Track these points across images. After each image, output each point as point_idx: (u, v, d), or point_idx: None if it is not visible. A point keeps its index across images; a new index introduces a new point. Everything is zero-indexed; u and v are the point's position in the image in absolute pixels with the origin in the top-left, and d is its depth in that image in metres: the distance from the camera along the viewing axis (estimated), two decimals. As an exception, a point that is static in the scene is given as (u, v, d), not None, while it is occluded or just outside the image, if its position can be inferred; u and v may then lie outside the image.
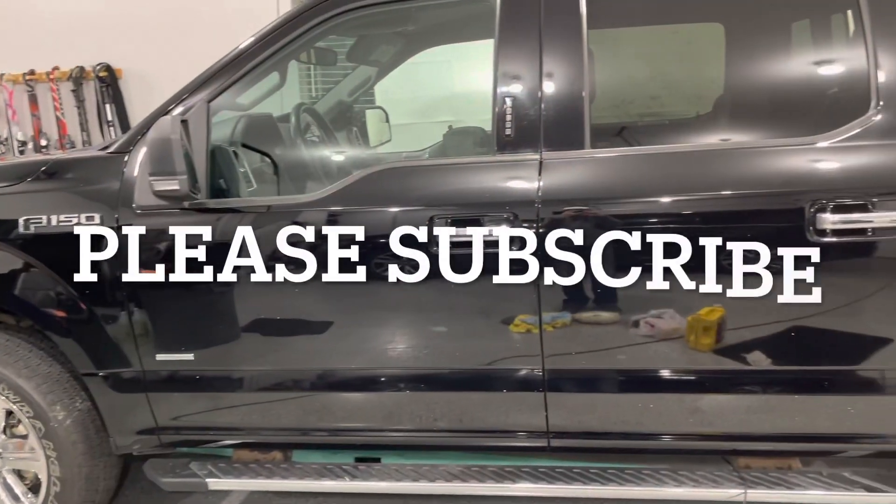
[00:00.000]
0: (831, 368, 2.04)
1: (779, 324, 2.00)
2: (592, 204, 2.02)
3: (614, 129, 3.43)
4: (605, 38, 3.54)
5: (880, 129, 1.94)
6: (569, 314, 2.07)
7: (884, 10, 1.96)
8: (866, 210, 1.91)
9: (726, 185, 2.01)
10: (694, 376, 2.09)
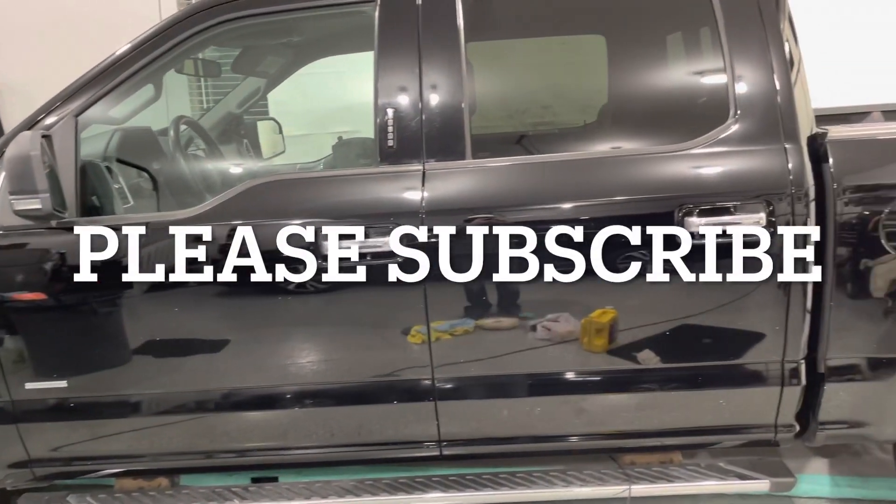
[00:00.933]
0: (704, 364, 2.14)
1: (658, 325, 2.10)
2: (474, 213, 2.04)
3: (508, 137, 3.50)
4: (498, 49, 3.60)
5: (738, 137, 2.06)
6: (456, 322, 2.10)
7: (737, 27, 2.08)
8: (729, 213, 2.02)
9: (602, 191, 2.08)
10: (581, 378, 2.15)
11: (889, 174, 2.03)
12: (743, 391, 2.14)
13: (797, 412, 2.16)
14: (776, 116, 2.05)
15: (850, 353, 2.09)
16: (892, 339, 2.07)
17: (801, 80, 2.13)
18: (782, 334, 2.08)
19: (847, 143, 2.05)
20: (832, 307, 2.06)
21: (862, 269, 2.04)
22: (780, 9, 2.13)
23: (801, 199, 2.00)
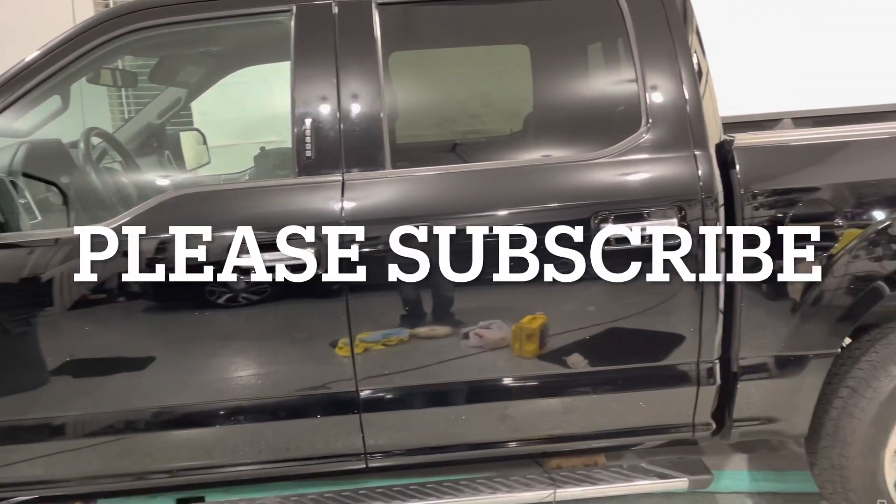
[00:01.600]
0: (625, 367, 2.19)
1: (580, 330, 2.13)
2: (396, 223, 2.04)
3: (436, 146, 3.51)
4: (424, 59, 3.61)
5: (650, 145, 2.12)
6: (378, 333, 2.09)
7: (646, 39, 2.15)
8: (643, 219, 2.07)
9: (520, 200, 2.11)
10: (508, 384, 2.17)
11: (793, 179, 2.13)
12: (662, 392, 2.19)
13: (713, 411, 2.23)
14: (686, 125, 2.12)
15: (761, 351, 2.17)
16: (799, 338, 2.16)
17: (709, 89, 2.21)
18: (697, 336, 2.14)
19: (753, 150, 2.14)
20: (743, 308, 2.14)
21: (768, 269, 2.12)
22: (688, 22, 2.21)
23: (710, 204, 2.07)
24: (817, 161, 2.17)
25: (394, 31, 2.40)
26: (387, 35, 2.19)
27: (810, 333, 2.15)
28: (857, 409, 2.19)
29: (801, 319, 2.14)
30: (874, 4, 4.33)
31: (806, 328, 2.15)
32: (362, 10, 2.13)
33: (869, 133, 2.22)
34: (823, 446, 2.28)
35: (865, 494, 2.22)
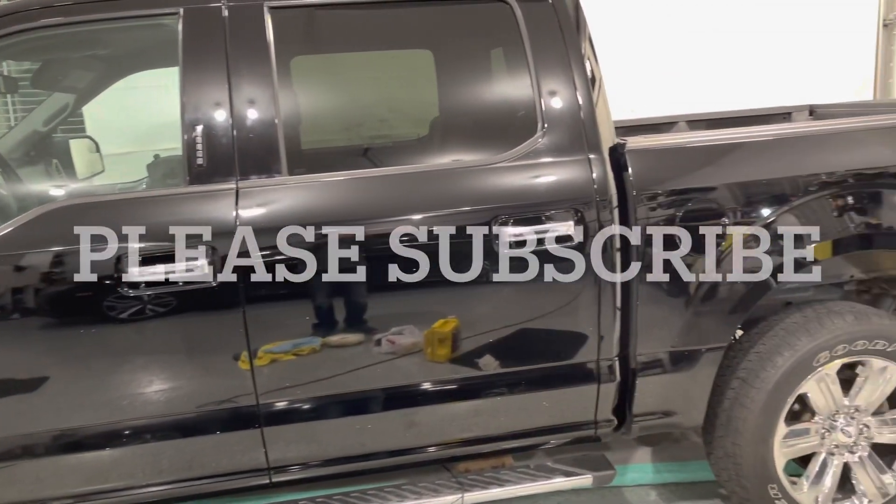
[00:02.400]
0: (529, 368, 2.21)
1: (486, 333, 2.15)
2: (291, 231, 2.00)
3: (343, 151, 3.47)
4: (330, 63, 3.56)
5: (546, 149, 2.15)
6: (277, 345, 2.04)
7: (540, 46, 2.19)
8: (541, 221, 2.11)
9: (422, 205, 2.10)
10: (411, 391, 2.16)
11: (684, 180, 2.20)
12: (565, 391, 2.23)
13: (614, 407, 2.28)
14: (580, 129, 2.17)
15: (658, 347, 2.25)
16: (692, 333, 2.24)
17: (602, 95, 2.27)
18: (596, 334, 2.19)
19: (644, 153, 2.21)
20: (639, 306, 2.21)
21: (662, 267, 2.19)
22: (581, 30, 2.27)
23: (605, 206, 2.13)
24: (707, 162, 2.25)
25: (292, 35, 2.36)
26: (283, 39, 2.15)
27: (702, 328, 2.24)
28: (748, 399, 2.29)
29: (694, 315, 2.22)
30: (765, 13, 4.56)
31: (698, 323, 2.23)
32: (254, 14, 2.08)
33: (756, 135, 2.33)
34: (718, 436, 2.38)
35: (757, 480, 2.33)
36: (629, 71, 4.47)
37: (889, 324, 2.32)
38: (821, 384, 2.31)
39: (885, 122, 2.36)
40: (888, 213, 2.30)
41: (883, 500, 2.40)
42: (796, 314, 2.37)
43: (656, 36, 4.54)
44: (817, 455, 2.39)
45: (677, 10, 4.52)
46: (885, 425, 2.39)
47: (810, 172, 2.24)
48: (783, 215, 2.22)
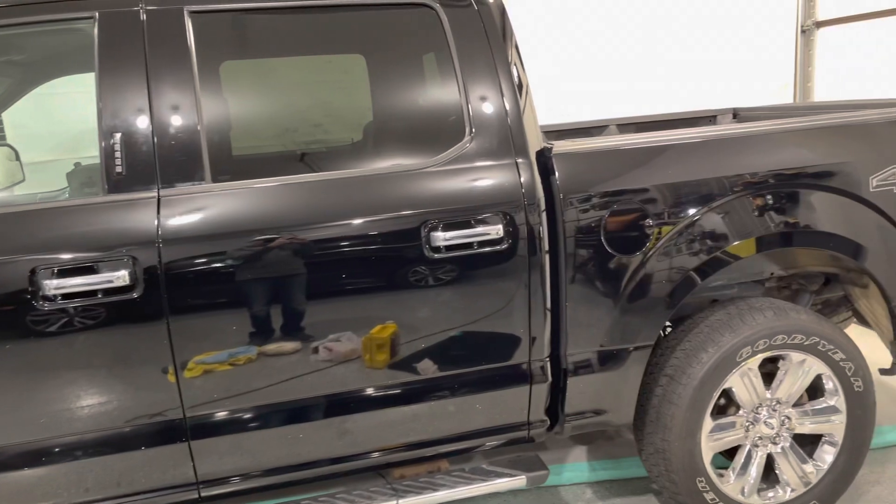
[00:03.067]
0: (463, 371, 2.22)
1: (420, 338, 2.14)
2: (217, 240, 1.97)
3: (276, 157, 3.41)
4: (262, 68, 3.51)
5: (474, 153, 2.17)
6: (203, 356, 2.00)
7: (467, 52, 2.21)
8: (470, 226, 2.12)
9: (351, 211, 2.09)
10: (343, 398, 2.14)
11: (607, 182, 2.24)
12: (498, 393, 2.25)
13: (546, 408, 2.31)
14: (507, 134, 2.19)
15: (588, 347, 2.28)
16: (620, 332, 2.28)
17: (529, 100, 2.30)
18: (528, 336, 2.22)
19: (570, 156, 2.24)
20: (568, 307, 2.24)
21: (590, 269, 2.24)
22: (507, 37, 2.29)
23: (533, 210, 2.15)
24: (631, 164, 2.30)
25: (219, 39, 2.31)
26: (208, 44, 2.11)
27: (630, 327, 2.29)
28: (675, 395, 2.35)
29: (622, 314, 2.27)
30: (693, 21, 4.70)
31: (626, 322, 2.28)
32: (174, 18, 2.03)
33: (679, 138, 2.39)
34: (648, 432, 2.43)
35: (686, 474, 2.39)
36: (563, 76, 4.55)
37: (806, 318, 2.41)
38: (744, 378, 2.39)
39: (804, 124, 2.46)
40: (805, 211, 2.39)
41: (805, 488, 2.49)
42: (720, 311, 2.44)
43: (589, 43, 4.63)
44: (742, 447, 2.47)
45: (610, 18, 4.61)
46: (806, 416, 2.48)
47: (734, 173, 2.32)
48: (707, 215, 2.28)
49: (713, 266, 2.32)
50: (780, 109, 3.84)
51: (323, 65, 4.04)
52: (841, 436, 2.48)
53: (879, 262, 2.41)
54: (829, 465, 2.50)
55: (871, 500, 2.67)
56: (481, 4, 2.26)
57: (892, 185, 2.39)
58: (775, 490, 2.50)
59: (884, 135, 2.47)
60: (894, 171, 2.39)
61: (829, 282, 2.78)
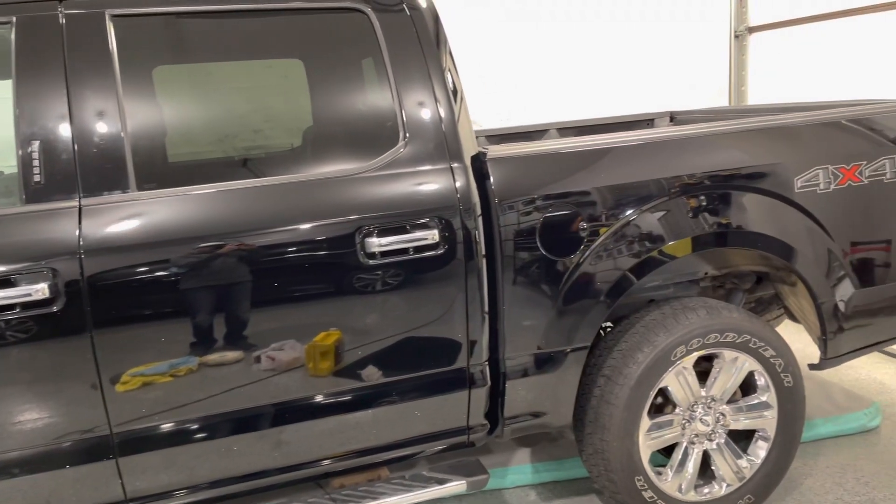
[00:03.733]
0: (402, 378, 2.20)
1: (358, 346, 2.12)
2: (143, 250, 1.91)
3: (217, 163, 3.34)
4: (199, 73, 3.44)
5: (409, 158, 2.16)
6: (130, 370, 1.94)
7: (400, 58, 2.21)
8: (406, 231, 2.11)
9: (283, 218, 2.06)
10: (279, 408, 2.10)
11: (542, 186, 2.26)
12: (437, 399, 2.24)
13: (486, 411, 2.31)
14: (441, 139, 2.19)
15: (526, 350, 2.29)
16: (557, 334, 2.30)
17: (463, 106, 2.30)
18: (466, 340, 2.21)
19: (505, 161, 2.25)
20: (506, 311, 2.25)
21: (527, 272, 2.25)
22: (441, 43, 2.29)
23: (469, 214, 2.15)
24: (566, 168, 2.32)
25: (146, 44, 2.26)
26: (133, 48, 2.06)
27: (567, 329, 2.31)
28: (613, 395, 2.38)
29: (559, 316, 2.29)
30: (631, 27, 4.78)
31: (563, 325, 2.30)
32: (94, 22, 1.97)
33: (615, 141, 2.41)
34: (588, 433, 2.46)
35: (624, 474, 2.42)
36: (505, 80, 4.58)
37: (738, 317, 2.47)
38: (679, 377, 2.43)
39: (737, 127, 2.52)
40: (738, 212, 2.45)
41: (740, 483, 2.55)
42: (655, 311, 2.48)
43: (533, 48, 4.67)
44: (679, 445, 2.51)
45: (553, 26, 4.66)
46: (740, 412, 2.54)
47: (666, 176, 2.36)
48: (642, 216, 2.32)
49: (648, 266, 2.36)
50: (713, 112, 3.94)
51: (263, 70, 3.99)
52: (773, 430, 2.55)
53: (805, 260, 2.48)
54: (763, 460, 2.56)
55: (803, 492, 2.75)
56: (414, 10, 2.26)
57: (816, 185, 2.46)
58: (711, 486, 2.55)
59: (807, 137, 2.55)
60: (817, 172, 2.46)
61: (760, 280, 2.86)
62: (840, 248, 2.53)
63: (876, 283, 2.62)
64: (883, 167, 2.55)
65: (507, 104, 4.54)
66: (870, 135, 2.59)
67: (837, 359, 2.64)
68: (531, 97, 4.57)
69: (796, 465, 2.86)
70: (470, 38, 4.36)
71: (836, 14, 4.13)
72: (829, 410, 3.26)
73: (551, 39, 4.66)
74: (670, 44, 4.77)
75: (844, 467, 2.89)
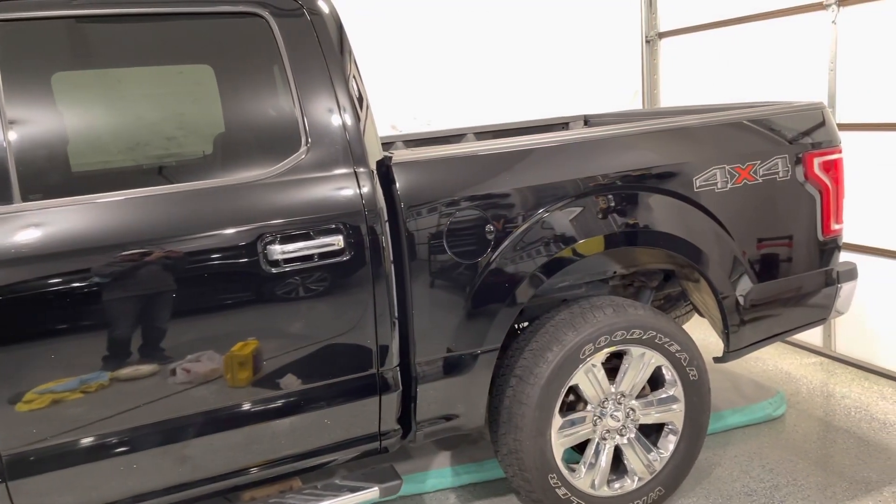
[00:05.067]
0: (312, 386, 2.18)
1: (267, 357, 2.09)
2: (25, 263, 1.83)
3: (127, 172, 3.24)
4: (110, 78, 3.32)
5: (312, 164, 2.14)
6: (18, 389, 1.86)
7: (301, 64, 2.19)
8: (310, 237, 2.09)
9: (180, 228, 2.01)
10: (182, 424, 2.04)
11: (448, 190, 2.26)
12: (347, 406, 2.22)
13: (398, 417, 2.31)
14: (345, 144, 2.17)
15: (436, 353, 2.30)
16: (467, 336, 2.31)
17: (368, 111, 2.30)
18: (376, 346, 2.20)
19: (410, 165, 2.25)
20: (415, 315, 2.25)
21: (434, 276, 2.26)
22: (344, 49, 2.28)
23: (375, 219, 2.14)
24: (471, 171, 2.33)
25: (38, 49, 2.18)
26: (21, 53, 1.98)
27: (477, 331, 2.32)
28: (524, 395, 2.41)
29: (468, 318, 2.30)
30: (547, 34, 4.87)
31: (473, 326, 2.31)
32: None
33: (519, 145, 2.44)
34: (502, 433, 2.48)
35: (538, 472, 2.45)
36: (421, 86, 4.59)
37: (643, 314, 2.54)
38: (589, 375, 2.48)
39: (648, 128, 2.59)
40: (646, 212, 2.51)
41: (650, 476, 2.61)
42: (564, 311, 2.53)
43: (449, 53, 4.70)
44: (591, 441, 2.56)
45: (470, 33, 4.70)
46: (649, 407, 2.60)
47: (568, 178, 2.40)
48: (546, 217, 2.35)
49: (555, 267, 2.40)
50: (626, 115, 4.04)
51: (175, 76, 3.89)
52: (681, 423, 2.63)
53: (706, 257, 2.57)
54: (672, 452, 2.63)
55: (712, 482, 2.84)
56: (314, 14, 2.24)
57: (714, 185, 2.56)
58: (623, 480, 2.61)
59: (706, 138, 2.64)
60: (715, 171, 2.55)
61: (669, 278, 2.95)
62: (738, 244, 2.63)
63: (773, 277, 2.73)
64: (776, 166, 2.66)
65: (430, 108, 4.55)
66: (766, 135, 2.70)
67: (740, 351, 2.75)
68: (455, 102, 4.60)
69: (706, 455, 2.96)
70: (392, 41, 4.37)
71: (736, 20, 4.30)
72: (737, 401, 3.38)
73: (474, 45, 4.70)
74: (588, 49, 4.87)
75: (751, 455, 3.01)
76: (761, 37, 4.18)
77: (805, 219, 2.75)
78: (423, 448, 3.06)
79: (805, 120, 2.77)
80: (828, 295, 2.85)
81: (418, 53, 4.58)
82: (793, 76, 4.01)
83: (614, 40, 4.96)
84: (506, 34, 4.77)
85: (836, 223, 2.80)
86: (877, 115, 3.60)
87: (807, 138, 2.74)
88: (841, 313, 2.94)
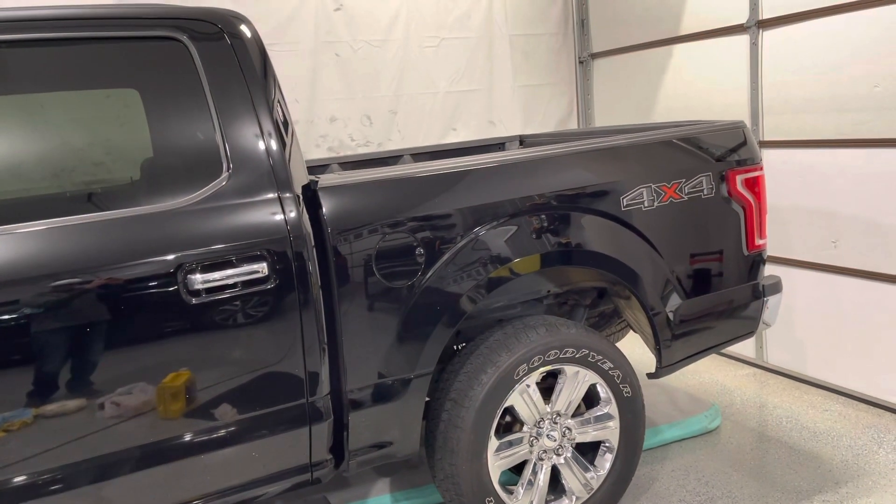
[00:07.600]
0: (238, 419, 2.11)
1: (190, 389, 2.02)
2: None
3: (51, 199, 3.12)
4: (31, 103, 3.21)
5: (233, 190, 2.10)
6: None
7: (222, 90, 2.16)
8: (232, 265, 2.03)
9: (97, 258, 1.94)
10: (98, 463, 1.96)
11: (376, 213, 2.24)
12: (276, 438, 2.15)
13: (330, 446, 2.26)
14: (268, 170, 2.14)
15: (367, 381, 2.26)
16: (399, 361, 2.28)
17: (293, 136, 2.27)
18: (304, 375, 2.15)
19: (337, 189, 2.23)
20: (345, 342, 2.21)
21: (364, 301, 2.22)
22: (267, 73, 2.25)
23: (301, 245, 2.11)
24: (401, 194, 2.32)
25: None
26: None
27: (409, 355, 2.30)
28: (459, 418, 2.39)
29: (400, 343, 2.27)
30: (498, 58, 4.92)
31: (405, 351, 2.29)
32: None
33: (447, 166, 2.43)
34: (438, 458, 2.45)
35: (475, 496, 2.43)
36: (359, 108, 4.58)
37: (575, 332, 2.55)
38: (523, 395, 2.48)
39: (580, 147, 2.62)
40: (579, 231, 2.53)
41: (588, 494, 2.62)
42: (497, 332, 2.52)
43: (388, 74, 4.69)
44: (528, 462, 2.55)
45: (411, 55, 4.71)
46: (586, 425, 2.61)
47: (496, 200, 2.40)
48: (476, 240, 2.34)
49: (485, 288, 2.39)
50: (561, 135, 4.10)
51: (102, 101, 3.78)
52: (616, 440, 2.64)
53: (635, 275, 2.60)
54: (609, 470, 2.64)
55: (650, 497, 2.86)
56: (235, 39, 2.21)
57: (641, 203, 2.60)
58: (561, 500, 2.60)
59: (632, 158, 2.69)
60: (641, 190, 2.60)
61: (602, 295, 2.98)
62: (667, 261, 2.67)
63: (702, 292, 2.79)
64: (701, 184, 2.72)
65: (368, 131, 4.54)
66: (691, 153, 2.77)
67: (673, 366, 2.78)
68: (393, 124, 4.60)
69: (644, 470, 2.98)
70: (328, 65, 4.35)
71: (663, 42, 4.43)
72: (673, 415, 3.43)
73: (417, 67, 4.70)
74: (524, 71, 4.94)
75: (688, 469, 3.04)
76: (688, 57, 4.31)
77: (730, 235, 2.82)
78: (362, 475, 3.00)
79: (727, 138, 2.84)
80: (755, 308, 2.92)
81: (356, 76, 4.56)
82: (717, 96, 4.14)
83: (551, 61, 5.04)
84: (443, 55, 4.80)
85: (760, 238, 2.88)
86: (797, 133, 3.74)
87: (730, 156, 2.81)
88: (768, 325, 3.01)
